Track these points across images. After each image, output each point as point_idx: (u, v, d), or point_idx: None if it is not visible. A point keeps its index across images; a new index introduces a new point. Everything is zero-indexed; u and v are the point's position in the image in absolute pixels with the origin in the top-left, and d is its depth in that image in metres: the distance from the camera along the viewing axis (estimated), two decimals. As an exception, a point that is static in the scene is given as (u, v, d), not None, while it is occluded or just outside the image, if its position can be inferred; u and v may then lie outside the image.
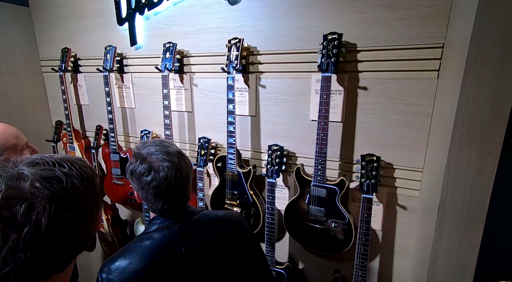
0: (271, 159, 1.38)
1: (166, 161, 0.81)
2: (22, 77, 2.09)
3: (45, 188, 0.48)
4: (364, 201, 1.19)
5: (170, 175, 0.81)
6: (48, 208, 0.48)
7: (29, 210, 0.46)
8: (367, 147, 1.26)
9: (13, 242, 0.45)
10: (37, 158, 0.53)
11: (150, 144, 0.87)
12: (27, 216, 0.46)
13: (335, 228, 1.29)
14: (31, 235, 0.46)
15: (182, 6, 1.51)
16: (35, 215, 0.46)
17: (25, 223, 0.46)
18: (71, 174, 0.53)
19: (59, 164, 0.53)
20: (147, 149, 0.85)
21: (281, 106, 1.41)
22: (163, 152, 0.83)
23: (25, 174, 0.48)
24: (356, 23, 1.17)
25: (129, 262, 0.78)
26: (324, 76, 1.16)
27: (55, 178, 0.50)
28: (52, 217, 0.48)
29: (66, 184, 0.51)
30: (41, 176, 0.49)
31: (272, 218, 1.41)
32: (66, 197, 0.50)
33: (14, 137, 1.00)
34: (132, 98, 1.84)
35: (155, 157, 0.82)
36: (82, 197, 0.53)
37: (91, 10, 1.82)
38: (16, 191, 0.46)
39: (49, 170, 0.51)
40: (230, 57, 1.35)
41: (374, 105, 1.21)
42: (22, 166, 0.50)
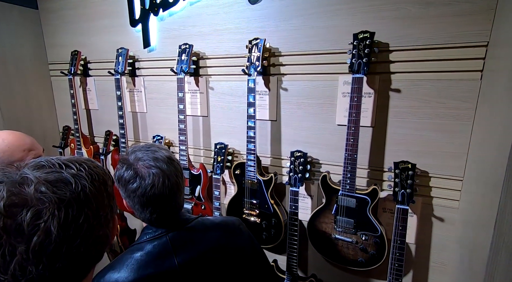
0: (294, 167, 1.30)
1: (153, 168, 0.76)
2: (29, 81, 2.04)
3: (51, 192, 0.42)
4: (399, 212, 1.09)
5: (157, 182, 0.75)
6: (57, 214, 0.42)
7: (36, 218, 0.40)
8: (399, 153, 1.17)
9: (22, 254, 0.39)
10: (42, 161, 0.47)
11: (138, 149, 0.81)
12: (35, 225, 0.40)
13: (365, 241, 1.19)
14: (40, 246, 0.40)
15: (199, 6, 1.45)
16: (43, 223, 0.41)
17: (33, 233, 0.40)
18: (80, 175, 0.47)
19: (66, 166, 0.47)
20: (135, 155, 0.79)
21: (304, 110, 1.33)
22: (150, 158, 0.77)
23: (29, 178, 0.43)
24: (388, 21, 1.10)
25: (119, 276, 0.73)
26: (355, 77, 1.08)
27: (62, 180, 0.45)
28: (63, 223, 0.42)
29: (75, 187, 0.45)
30: (47, 179, 0.43)
31: (294, 229, 1.31)
32: (76, 201, 0.45)
33: (23, 150, 0.90)
34: (143, 102, 1.77)
35: (141, 163, 0.76)
36: (94, 199, 0.48)
37: (101, 12, 1.77)
38: (20, 198, 0.41)
39: (56, 172, 0.45)
40: (251, 59, 1.28)
41: (407, 108, 1.13)
42: (26, 170, 0.45)
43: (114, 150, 1.85)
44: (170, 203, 0.79)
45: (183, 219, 0.84)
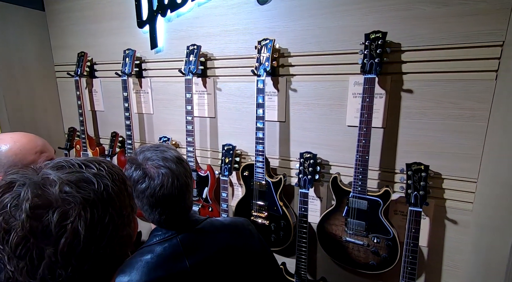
0: (304, 168, 1.28)
1: (162, 168, 0.74)
2: (35, 83, 2.03)
3: (76, 192, 0.42)
4: (412, 214, 1.08)
5: (166, 183, 0.74)
6: (83, 214, 0.41)
7: (62, 219, 0.39)
8: (411, 155, 1.16)
9: (50, 257, 0.38)
10: (60, 161, 0.46)
11: (147, 148, 0.80)
12: (62, 226, 0.39)
13: (377, 244, 1.17)
14: (69, 247, 0.39)
15: (207, 7, 1.45)
16: (70, 224, 0.40)
17: (61, 234, 0.39)
18: (101, 174, 0.46)
19: (86, 166, 0.47)
20: (144, 155, 0.78)
21: (313, 111, 1.32)
22: (159, 158, 0.76)
23: (51, 178, 0.42)
24: (400, 21, 1.09)
25: (130, 279, 0.72)
26: (367, 77, 1.07)
27: (85, 180, 0.44)
28: (89, 224, 0.41)
29: (98, 186, 0.44)
30: (69, 179, 0.42)
31: (304, 232, 1.30)
32: (100, 201, 0.44)
33: (35, 153, 0.87)
34: (150, 103, 1.76)
35: (150, 163, 0.75)
36: (117, 198, 0.47)
37: (108, 13, 1.76)
38: (45, 199, 0.40)
39: (76, 172, 0.44)
40: (260, 59, 1.27)
41: (420, 109, 1.11)
42: (46, 170, 0.43)
43: (120, 151, 1.84)
44: (179, 203, 0.78)
45: (193, 220, 0.83)
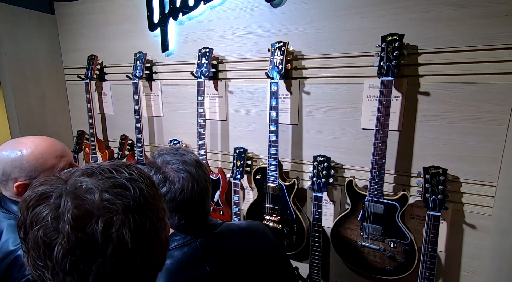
0: (317, 171, 1.27)
1: (183, 171, 0.73)
2: (45, 86, 2.04)
3: (117, 199, 0.40)
4: (430, 219, 1.06)
5: (187, 187, 0.73)
6: (127, 222, 0.40)
7: (107, 227, 0.38)
8: (427, 158, 1.14)
9: (99, 268, 0.37)
10: (89, 168, 0.45)
11: (166, 152, 0.79)
12: (107, 235, 0.38)
13: (394, 248, 1.15)
14: (117, 256, 0.38)
15: (220, 10, 1.45)
16: (116, 232, 0.39)
17: (107, 243, 0.38)
18: (134, 178, 0.45)
19: (116, 170, 0.45)
20: (163, 158, 0.76)
21: (327, 114, 1.31)
22: (179, 161, 0.75)
23: (88, 186, 0.40)
24: (417, 23, 1.08)
25: None
26: (384, 80, 1.06)
27: (120, 186, 0.43)
28: (134, 230, 0.40)
29: (133, 191, 0.43)
30: (106, 186, 0.41)
31: (318, 236, 1.28)
32: (139, 206, 0.43)
33: (55, 157, 0.88)
34: (160, 106, 1.76)
35: (170, 167, 0.74)
36: (153, 202, 0.46)
37: (119, 16, 1.77)
38: (86, 208, 0.38)
39: (110, 178, 0.43)
40: (273, 62, 1.26)
41: (437, 112, 1.10)
42: (79, 178, 0.42)
43: (130, 154, 1.84)
44: (198, 208, 0.77)
45: (210, 224, 0.82)
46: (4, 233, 0.80)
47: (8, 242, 0.78)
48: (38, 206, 0.40)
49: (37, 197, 0.40)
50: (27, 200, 0.41)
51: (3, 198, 0.89)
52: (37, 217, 0.39)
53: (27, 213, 0.40)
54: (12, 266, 0.74)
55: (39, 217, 0.39)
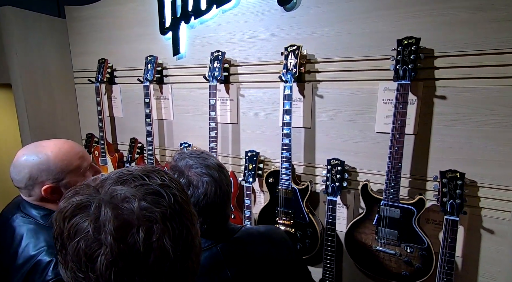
0: (331, 175, 1.26)
1: (206, 176, 0.73)
2: (55, 89, 2.05)
3: (155, 207, 0.40)
4: (448, 223, 1.05)
5: (210, 192, 0.72)
6: (166, 230, 0.40)
7: (148, 237, 0.38)
8: (444, 162, 1.14)
9: (142, 279, 0.37)
10: (120, 175, 0.44)
11: (187, 155, 0.78)
12: (148, 244, 0.38)
13: (410, 253, 1.14)
14: (159, 266, 0.38)
15: (232, 14, 1.45)
16: (156, 241, 0.38)
17: (148, 253, 0.37)
18: (166, 184, 0.45)
19: (147, 176, 0.45)
20: (185, 162, 0.75)
21: (340, 117, 1.30)
22: (202, 165, 0.74)
23: (124, 195, 0.40)
24: (433, 26, 1.08)
25: None
26: (401, 84, 1.06)
27: (155, 193, 0.42)
28: (173, 238, 0.40)
29: (168, 198, 0.43)
30: (141, 194, 0.41)
31: (332, 240, 1.27)
32: (176, 213, 0.42)
33: (78, 158, 0.89)
34: (170, 109, 1.76)
35: (194, 171, 0.73)
36: (187, 208, 0.46)
37: (130, 20, 1.78)
38: (125, 218, 0.38)
39: (143, 185, 0.43)
40: (287, 65, 1.26)
41: (453, 115, 1.10)
42: (114, 187, 0.41)
43: (140, 157, 1.84)
44: (220, 213, 0.77)
45: (230, 229, 0.82)
46: (24, 238, 0.80)
47: (28, 247, 0.78)
48: (75, 216, 0.39)
49: (73, 207, 0.40)
50: (63, 211, 0.40)
51: (23, 203, 0.89)
52: (75, 228, 0.38)
53: (64, 224, 0.40)
54: (33, 271, 0.74)
55: (78, 228, 0.38)
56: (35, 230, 0.82)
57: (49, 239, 0.80)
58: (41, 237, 0.80)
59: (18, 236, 0.81)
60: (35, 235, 0.81)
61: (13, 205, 0.93)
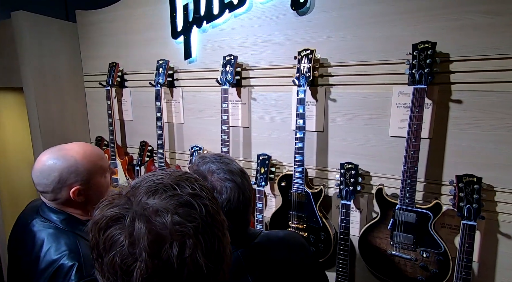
0: (345, 179, 1.26)
1: (229, 181, 0.72)
2: (65, 92, 2.06)
3: (187, 221, 0.40)
4: (466, 228, 1.04)
5: (233, 197, 0.71)
6: (198, 244, 0.40)
7: (181, 252, 0.38)
8: (459, 166, 1.13)
9: None
10: (151, 184, 0.44)
11: (209, 160, 0.77)
12: (182, 260, 0.38)
13: (426, 258, 1.13)
14: (192, 280, 0.38)
15: (244, 18, 1.46)
16: (189, 256, 0.38)
17: (182, 268, 0.38)
18: (197, 194, 0.45)
19: (178, 185, 0.45)
20: (207, 166, 0.75)
21: (354, 121, 1.30)
22: (225, 171, 0.74)
23: (157, 207, 0.40)
24: (448, 31, 1.08)
25: None
26: (417, 88, 1.06)
27: (187, 205, 0.42)
28: (205, 252, 0.40)
29: (200, 210, 0.43)
30: (174, 206, 0.41)
31: (345, 244, 1.27)
32: (208, 225, 0.42)
33: (101, 159, 0.92)
34: (181, 113, 1.76)
35: (217, 176, 0.73)
36: (219, 218, 0.46)
37: (141, 25, 1.79)
38: (158, 233, 0.38)
39: (175, 195, 0.43)
40: (300, 69, 1.27)
41: (469, 119, 1.09)
42: (146, 199, 0.42)
43: (150, 161, 1.84)
44: (242, 218, 0.77)
45: (250, 234, 0.81)
46: (45, 242, 0.81)
47: (50, 252, 0.78)
48: (110, 228, 0.40)
49: (107, 219, 0.41)
50: (98, 223, 0.41)
51: (42, 207, 0.89)
52: (111, 240, 0.39)
53: (99, 235, 0.41)
54: (56, 275, 0.74)
55: (114, 241, 0.39)
56: (55, 235, 0.83)
57: (70, 243, 0.81)
58: (62, 242, 0.81)
59: (39, 241, 0.82)
60: (56, 239, 0.81)
61: (31, 210, 0.94)
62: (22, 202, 2.35)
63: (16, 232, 0.93)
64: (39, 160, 0.84)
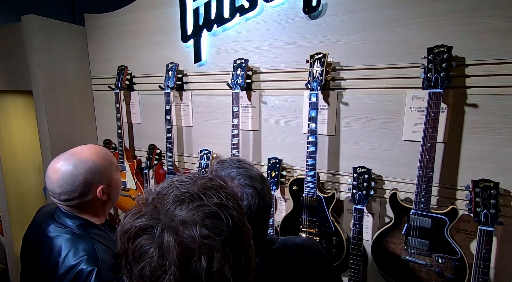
0: (358, 183, 1.25)
1: (249, 187, 0.71)
2: (73, 95, 2.07)
3: (215, 235, 0.40)
4: (483, 234, 1.03)
5: (253, 204, 0.70)
6: (226, 257, 0.40)
7: (209, 265, 0.38)
8: (475, 171, 1.12)
9: None
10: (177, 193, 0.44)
11: (229, 165, 0.76)
12: (210, 273, 0.38)
13: (442, 264, 1.12)
14: None
15: (255, 22, 1.46)
16: (217, 270, 0.39)
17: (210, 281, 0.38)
18: (223, 204, 0.45)
19: (204, 194, 0.45)
20: (227, 172, 0.74)
21: (366, 125, 1.30)
22: (245, 176, 0.73)
23: (184, 219, 0.40)
24: (464, 35, 1.07)
25: None
26: (433, 92, 1.05)
27: (214, 216, 0.42)
28: (233, 265, 0.40)
29: (227, 222, 0.42)
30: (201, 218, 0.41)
31: (358, 249, 1.25)
32: (235, 238, 0.42)
33: (111, 156, 0.95)
34: (190, 116, 1.76)
35: (237, 182, 0.72)
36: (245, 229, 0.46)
37: (150, 28, 1.80)
38: (187, 246, 0.39)
39: (201, 205, 0.43)
40: (313, 73, 1.26)
41: (486, 124, 1.08)
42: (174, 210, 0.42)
43: (159, 164, 1.84)
44: (262, 225, 0.76)
45: (267, 240, 0.81)
46: (63, 248, 0.80)
47: (68, 257, 0.78)
48: (139, 237, 0.41)
49: (136, 229, 0.41)
50: (127, 232, 0.42)
51: (56, 212, 0.89)
52: (140, 250, 0.40)
53: (128, 244, 0.41)
54: (76, 281, 0.73)
55: (143, 252, 0.39)
56: (72, 240, 0.82)
57: (88, 248, 0.80)
58: (79, 247, 0.80)
59: (56, 247, 0.82)
60: (74, 244, 0.81)
61: (45, 215, 0.93)
62: (29, 204, 2.36)
63: (31, 239, 0.93)
64: (55, 170, 0.83)
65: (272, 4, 1.39)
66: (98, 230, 0.89)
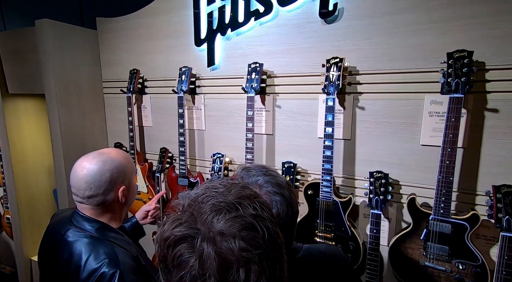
0: (374, 188, 1.24)
1: (278, 195, 0.71)
2: (85, 99, 2.08)
3: (252, 248, 0.41)
4: (505, 240, 1.02)
5: (282, 212, 0.70)
6: (263, 270, 0.41)
7: (247, 277, 0.40)
8: (496, 176, 1.11)
9: None
10: (214, 203, 0.45)
11: (255, 172, 0.76)
12: None
13: (462, 270, 1.11)
14: None
15: (269, 26, 1.46)
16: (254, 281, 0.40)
17: None
18: (258, 214, 0.45)
19: (240, 204, 0.45)
20: (254, 179, 0.74)
21: (383, 130, 1.29)
22: (273, 184, 0.73)
23: (222, 231, 0.41)
24: (484, 39, 1.06)
25: None
26: (454, 97, 1.04)
27: (250, 228, 0.43)
28: (269, 278, 0.41)
29: (262, 234, 0.43)
30: (239, 229, 0.42)
31: (375, 254, 1.24)
32: (270, 250, 0.43)
33: (132, 161, 0.98)
34: (202, 119, 1.77)
35: (265, 190, 0.72)
36: (279, 241, 0.46)
37: (163, 32, 1.81)
38: (226, 258, 0.40)
39: (238, 217, 0.43)
40: (329, 77, 1.26)
41: (507, 129, 1.08)
42: (212, 220, 0.43)
43: (171, 168, 1.84)
44: (290, 233, 0.75)
45: (293, 248, 0.80)
46: (84, 252, 0.80)
47: (90, 260, 0.78)
48: (178, 245, 0.42)
49: (176, 238, 0.42)
50: (167, 240, 0.43)
51: (74, 216, 0.89)
52: (180, 259, 0.41)
53: (168, 251, 0.43)
54: None
55: (183, 260, 0.41)
56: (92, 244, 0.83)
57: (108, 251, 0.81)
58: (100, 250, 0.80)
59: (76, 251, 0.82)
60: (94, 248, 0.81)
61: (63, 220, 0.93)
62: (39, 208, 2.37)
63: (49, 245, 0.92)
64: (83, 167, 0.85)
65: (287, 8, 1.39)
66: (116, 233, 0.90)
